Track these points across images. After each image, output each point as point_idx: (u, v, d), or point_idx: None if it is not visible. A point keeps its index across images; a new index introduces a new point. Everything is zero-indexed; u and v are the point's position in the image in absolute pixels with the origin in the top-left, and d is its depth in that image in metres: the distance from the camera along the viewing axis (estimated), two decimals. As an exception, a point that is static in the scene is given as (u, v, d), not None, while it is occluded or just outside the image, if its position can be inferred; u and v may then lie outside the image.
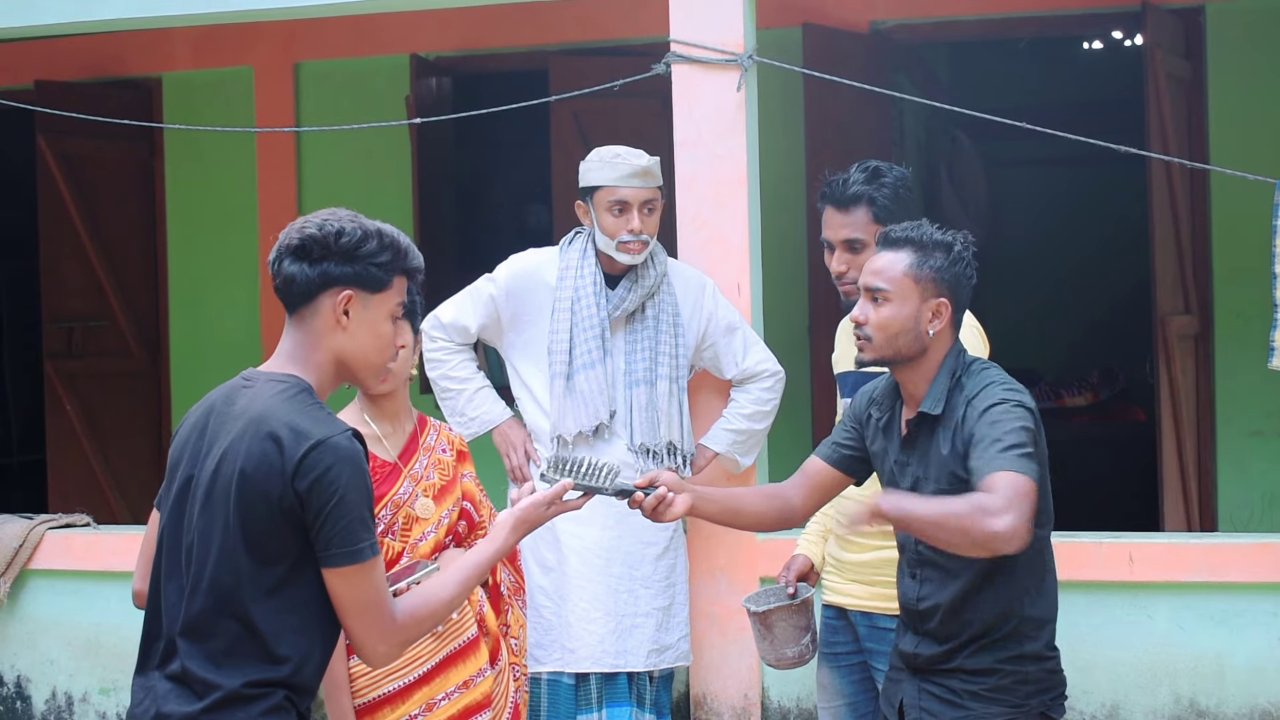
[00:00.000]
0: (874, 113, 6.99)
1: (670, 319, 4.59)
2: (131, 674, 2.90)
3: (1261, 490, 6.94)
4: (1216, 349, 6.96)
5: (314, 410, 2.81)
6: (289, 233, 2.91)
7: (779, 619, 3.79)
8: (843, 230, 4.15)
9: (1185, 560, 4.59)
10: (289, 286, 2.88)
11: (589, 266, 4.57)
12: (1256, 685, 4.52)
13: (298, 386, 2.85)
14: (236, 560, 2.76)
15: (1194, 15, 6.94)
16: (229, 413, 2.85)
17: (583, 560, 4.53)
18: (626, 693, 4.51)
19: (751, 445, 4.73)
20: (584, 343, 4.52)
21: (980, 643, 3.41)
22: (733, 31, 4.80)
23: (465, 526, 4.02)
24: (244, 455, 2.77)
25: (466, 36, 7.66)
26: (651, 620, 4.55)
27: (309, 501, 2.74)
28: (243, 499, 2.76)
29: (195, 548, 2.80)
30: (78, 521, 5.69)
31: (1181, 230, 6.62)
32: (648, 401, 4.54)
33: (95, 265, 7.95)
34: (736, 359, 4.68)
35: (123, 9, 5.47)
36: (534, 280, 4.62)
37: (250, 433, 2.78)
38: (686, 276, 4.67)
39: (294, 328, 2.90)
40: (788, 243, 6.73)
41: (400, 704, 3.79)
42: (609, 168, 4.53)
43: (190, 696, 2.76)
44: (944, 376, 3.43)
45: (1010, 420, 3.28)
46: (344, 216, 2.93)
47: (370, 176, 7.81)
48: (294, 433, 2.75)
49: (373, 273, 2.90)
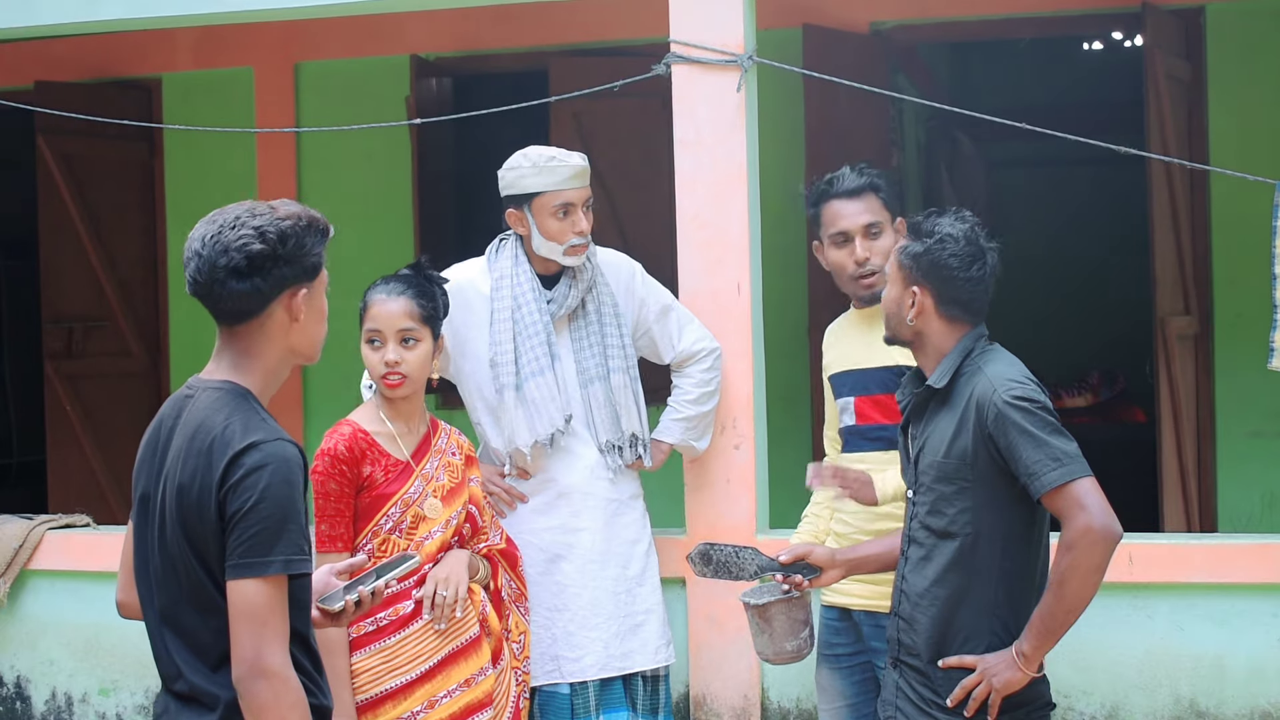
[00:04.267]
0: (874, 113, 6.99)
1: (611, 309, 4.48)
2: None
3: (1261, 491, 6.94)
4: (1216, 350, 6.96)
5: (250, 416, 2.74)
6: (217, 250, 2.73)
7: (778, 613, 3.80)
8: (861, 216, 4.15)
9: (1185, 561, 4.59)
10: (234, 303, 2.76)
11: (524, 272, 4.42)
12: (1256, 686, 4.52)
13: (235, 393, 2.78)
14: (195, 576, 2.73)
15: (1194, 16, 6.94)
16: (175, 427, 2.80)
17: (578, 567, 4.44)
18: (623, 698, 4.47)
19: (704, 428, 4.66)
20: (530, 350, 4.37)
21: (946, 638, 3.42)
22: (733, 32, 4.79)
23: (470, 529, 4.04)
24: (181, 469, 2.72)
25: (466, 37, 7.66)
26: (652, 616, 4.52)
27: (225, 505, 2.67)
28: (183, 515, 2.71)
29: (160, 568, 2.77)
30: (77, 522, 5.68)
31: (1181, 231, 6.62)
32: (605, 398, 4.45)
33: (95, 265, 7.95)
34: (673, 341, 4.59)
35: (123, 9, 5.47)
36: (468, 295, 4.43)
37: (187, 447, 2.73)
38: (615, 264, 4.57)
39: (238, 336, 2.81)
40: (787, 243, 6.73)
41: (402, 700, 3.80)
42: (548, 172, 4.38)
43: (201, 709, 2.75)
44: (954, 356, 3.47)
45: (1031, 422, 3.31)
46: (268, 217, 2.77)
47: (370, 177, 7.81)
48: (224, 441, 2.69)
49: (312, 261, 2.82)
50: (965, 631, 3.41)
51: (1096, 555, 3.25)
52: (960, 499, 3.40)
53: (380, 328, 3.93)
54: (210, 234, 2.76)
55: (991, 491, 3.38)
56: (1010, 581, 3.39)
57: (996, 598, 3.39)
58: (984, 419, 3.35)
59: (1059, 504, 3.28)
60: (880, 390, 4.14)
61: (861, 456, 4.17)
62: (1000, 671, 3.33)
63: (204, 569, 2.72)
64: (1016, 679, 3.33)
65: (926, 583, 3.45)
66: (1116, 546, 3.28)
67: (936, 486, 3.44)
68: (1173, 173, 6.45)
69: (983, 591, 3.40)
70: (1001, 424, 3.32)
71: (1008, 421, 3.31)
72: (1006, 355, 3.51)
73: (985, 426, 3.35)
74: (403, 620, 3.86)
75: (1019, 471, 3.31)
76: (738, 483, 4.77)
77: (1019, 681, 3.33)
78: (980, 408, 3.36)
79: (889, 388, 4.11)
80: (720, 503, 4.76)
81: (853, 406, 4.20)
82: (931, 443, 3.46)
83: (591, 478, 4.47)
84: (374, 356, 3.93)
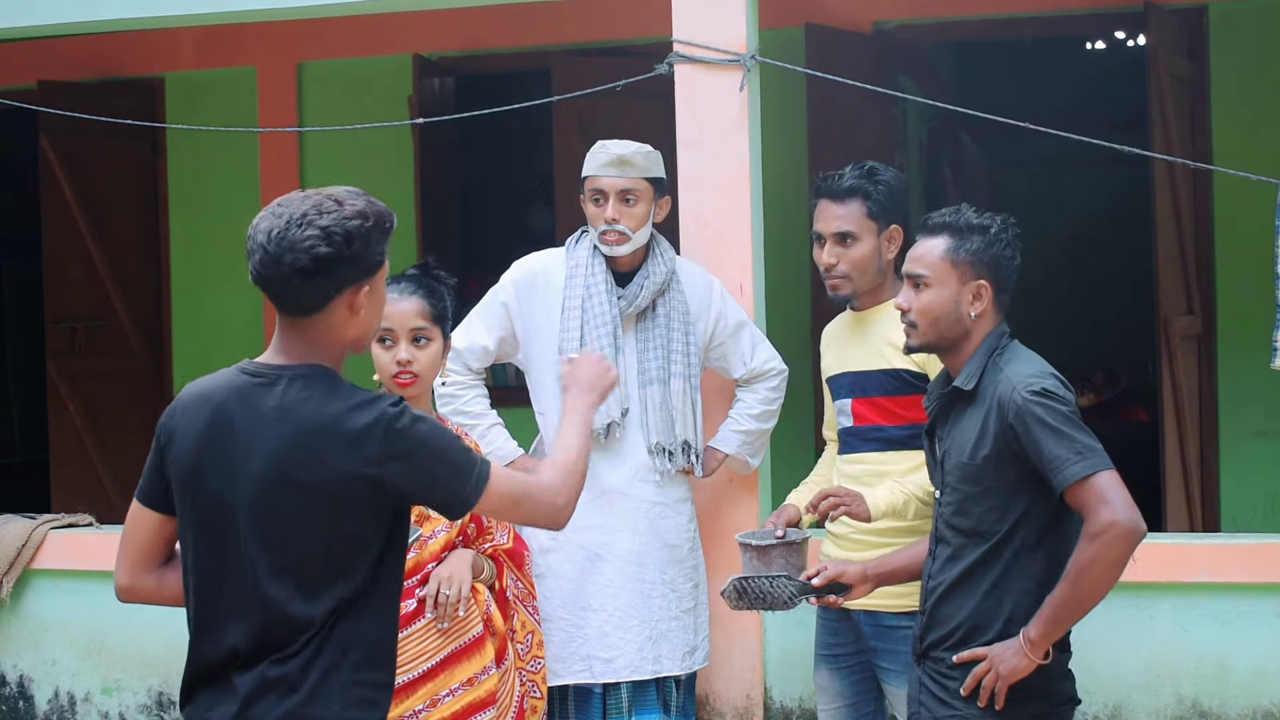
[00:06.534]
0: (877, 113, 7.00)
1: (681, 316, 4.52)
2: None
3: (1264, 491, 6.94)
4: (1219, 350, 6.96)
5: (360, 393, 2.76)
6: (283, 246, 2.72)
7: (778, 555, 3.81)
8: (834, 222, 4.16)
9: (1188, 561, 4.59)
10: (298, 299, 2.77)
11: (599, 264, 4.49)
12: (1259, 686, 4.51)
13: (329, 374, 2.79)
14: (311, 549, 2.73)
15: (1196, 15, 6.94)
16: (254, 415, 2.76)
17: (615, 568, 4.45)
18: (655, 700, 4.48)
19: (759, 445, 4.71)
20: (596, 340, 4.42)
21: (973, 635, 3.42)
22: (735, 32, 4.79)
23: (475, 529, 4.04)
24: (309, 461, 2.71)
25: (469, 37, 7.66)
26: (681, 623, 4.51)
27: (407, 473, 2.73)
28: (321, 508, 2.71)
29: (248, 566, 2.74)
30: (80, 521, 5.69)
31: (1184, 231, 6.62)
32: (662, 400, 4.47)
33: (98, 265, 7.96)
34: (745, 358, 4.63)
35: (125, 9, 5.47)
36: (542, 282, 4.53)
37: (312, 435, 2.71)
38: (693, 274, 4.62)
39: (301, 328, 2.80)
40: (790, 243, 6.73)
41: (405, 699, 3.80)
42: (592, 158, 4.50)
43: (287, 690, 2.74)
44: (981, 355, 3.48)
45: (1052, 416, 3.31)
46: (335, 215, 2.75)
47: (372, 177, 7.80)
48: (363, 421, 2.71)
49: (373, 257, 2.81)
50: (991, 628, 3.41)
51: (1119, 549, 3.24)
52: (986, 499, 3.41)
53: (392, 326, 3.94)
54: (277, 230, 2.73)
55: (1017, 490, 3.39)
56: (1038, 580, 3.39)
57: (1025, 596, 3.39)
58: (1005, 415, 3.36)
59: (1082, 498, 3.27)
60: (878, 393, 4.14)
61: (859, 458, 4.17)
62: (1007, 659, 3.34)
63: (325, 550, 2.73)
64: (1022, 665, 3.33)
65: (954, 580, 3.46)
66: (1140, 542, 3.27)
67: (962, 487, 3.45)
68: (1175, 172, 6.44)
69: (1010, 590, 3.40)
70: (1022, 419, 3.33)
71: (1028, 416, 3.32)
72: (1026, 352, 3.52)
73: (1008, 423, 3.35)
74: (405, 619, 3.85)
75: (1041, 466, 3.31)
76: (740, 482, 4.77)
77: (1025, 668, 3.33)
78: (1002, 405, 3.37)
79: (886, 390, 4.11)
80: (723, 503, 4.76)
81: (850, 408, 4.20)
82: (957, 444, 3.47)
83: (635, 479, 4.49)
84: (385, 355, 3.94)
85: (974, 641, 3.43)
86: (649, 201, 4.49)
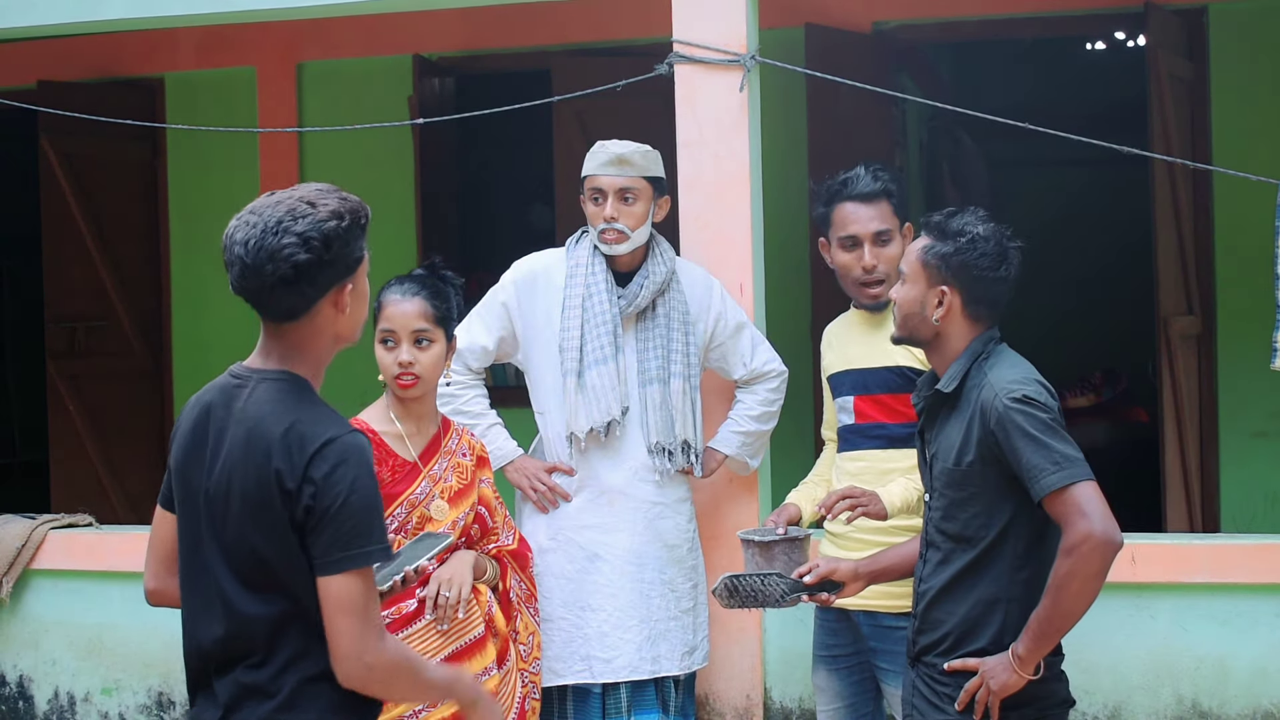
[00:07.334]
0: (876, 113, 6.99)
1: (681, 316, 4.52)
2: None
3: (1264, 491, 6.93)
4: (1219, 350, 6.95)
5: (317, 408, 2.74)
6: (261, 257, 2.66)
7: (780, 552, 3.82)
8: (872, 223, 4.16)
9: (1188, 561, 4.59)
10: (281, 306, 2.73)
11: (599, 264, 4.49)
12: (1259, 686, 4.51)
13: (294, 384, 2.76)
14: (257, 557, 2.71)
15: (1196, 16, 6.94)
16: (227, 416, 2.76)
17: (614, 567, 4.46)
18: (654, 700, 4.48)
19: (759, 447, 4.71)
20: (596, 338, 4.43)
21: (964, 641, 3.42)
22: (735, 32, 4.79)
23: (479, 531, 4.04)
24: (245, 459, 2.70)
25: (469, 37, 7.66)
26: (680, 623, 4.52)
27: (307, 499, 2.64)
28: (246, 503, 2.69)
29: (212, 565, 2.75)
30: (80, 521, 5.69)
31: (1184, 231, 6.61)
32: (661, 400, 4.47)
33: (98, 265, 7.95)
34: (745, 359, 4.63)
35: (125, 9, 5.47)
36: (543, 281, 4.54)
37: (248, 437, 2.70)
38: (693, 275, 4.63)
39: (286, 332, 2.77)
40: (790, 243, 6.73)
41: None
42: (591, 157, 4.51)
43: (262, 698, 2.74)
44: (964, 359, 3.47)
45: (1032, 424, 3.30)
46: (310, 220, 2.69)
47: (373, 177, 7.81)
48: (299, 435, 2.67)
49: (353, 256, 2.78)
50: (983, 634, 3.40)
51: (1095, 562, 3.23)
52: (972, 504, 3.41)
53: (394, 328, 3.93)
54: (253, 240, 2.68)
55: (1003, 496, 3.38)
56: (1028, 585, 3.38)
57: (1014, 601, 3.39)
58: (988, 422, 3.35)
59: (1059, 509, 3.27)
60: (880, 390, 4.14)
61: (860, 455, 4.17)
62: (998, 674, 3.33)
63: (261, 556, 2.70)
64: (1013, 681, 3.33)
65: (944, 585, 3.46)
66: (1116, 555, 3.26)
67: (948, 492, 3.45)
68: (1175, 172, 6.44)
69: (1000, 595, 3.40)
70: (1003, 426, 3.32)
71: (1009, 423, 3.31)
72: (1013, 356, 3.50)
73: (989, 429, 3.34)
74: (405, 619, 3.86)
75: (1020, 474, 3.31)
76: (740, 482, 4.77)
77: (1015, 684, 3.33)
78: (985, 412, 3.36)
79: (889, 387, 4.12)
80: (723, 503, 4.76)
81: (852, 405, 4.20)
82: (943, 449, 3.47)
83: (634, 479, 4.49)
84: (388, 357, 3.93)
85: (965, 648, 3.42)
86: (648, 200, 4.49)
